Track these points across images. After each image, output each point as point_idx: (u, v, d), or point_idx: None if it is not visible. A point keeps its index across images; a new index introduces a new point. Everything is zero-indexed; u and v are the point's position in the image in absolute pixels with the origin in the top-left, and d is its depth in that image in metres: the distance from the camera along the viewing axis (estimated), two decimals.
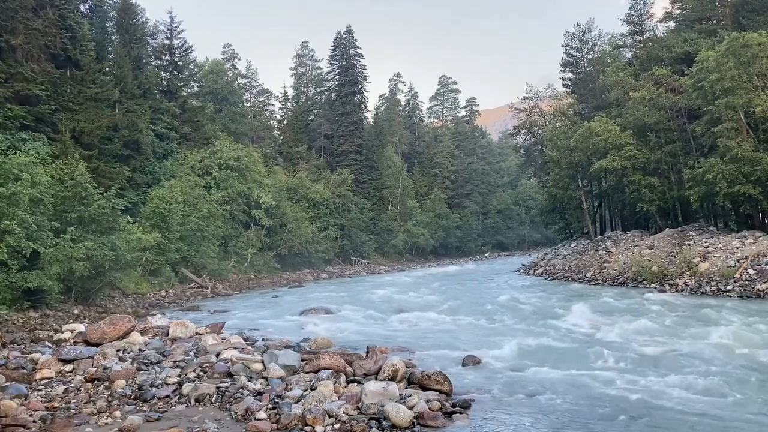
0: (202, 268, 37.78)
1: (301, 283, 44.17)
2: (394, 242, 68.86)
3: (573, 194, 47.05)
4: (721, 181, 28.55)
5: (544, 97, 57.82)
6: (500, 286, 34.47)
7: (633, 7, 47.74)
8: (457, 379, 11.38)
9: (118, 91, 37.24)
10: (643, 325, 17.45)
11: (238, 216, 45.67)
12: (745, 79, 28.83)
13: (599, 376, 11.87)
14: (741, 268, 25.32)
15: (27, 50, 30.94)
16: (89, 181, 24.56)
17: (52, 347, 14.50)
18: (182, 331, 15.11)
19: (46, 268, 20.85)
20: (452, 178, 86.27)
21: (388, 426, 8.78)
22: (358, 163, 69.32)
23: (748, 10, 36.85)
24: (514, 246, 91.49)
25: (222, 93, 61.69)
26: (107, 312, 22.75)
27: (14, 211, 19.36)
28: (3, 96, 28.43)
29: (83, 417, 9.36)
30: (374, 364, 11.54)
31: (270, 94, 79.37)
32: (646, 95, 36.27)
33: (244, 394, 10.21)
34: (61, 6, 33.82)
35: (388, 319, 21.31)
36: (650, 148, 37.34)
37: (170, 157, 43.20)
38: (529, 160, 64.83)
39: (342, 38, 74.03)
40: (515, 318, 20.36)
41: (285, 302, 28.76)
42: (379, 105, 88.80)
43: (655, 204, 36.64)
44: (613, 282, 31.54)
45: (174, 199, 33.20)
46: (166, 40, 51.24)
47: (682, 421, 9.17)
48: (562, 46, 57.40)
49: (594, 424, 9.14)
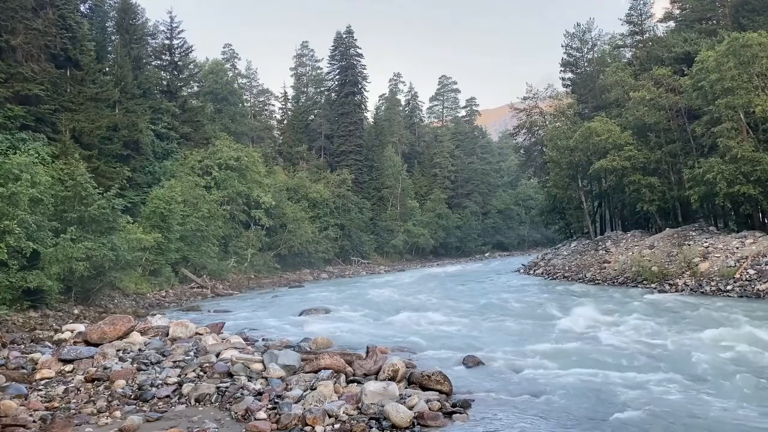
0: (202, 268, 37.79)
1: (301, 283, 44.18)
2: (394, 242, 68.89)
3: (573, 194, 47.04)
4: (721, 181, 28.53)
5: (544, 97, 57.84)
6: (500, 286, 34.45)
7: (633, 7, 47.74)
8: (457, 379, 11.38)
9: (118, 91, 37.26)
10: (643, 325, 17.45)
11: (238, 216, 45.69)
12: (745, 79, 28.81)
13: (599, 376, 11.86)
14: (741, 268, 25.31)
15: (27, 50, 30.96)
16: (89, 181, 24.56)
17: (52, 347, 14.50)
18: (182, 331, 15.11)
19: (46, 268, 20.85)
20: (452, 178, 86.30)
21: (388, 426, 8.77)
22: (358, 163, 69.34)
23: (748, 10, 36.83)
24: (514, 246, 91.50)
25: (222, 93, 61.72)
26: (107, 312, 22.76)
27: (14, 211, 19.36)
28: (3, 96, 28.45)
29: (83, 417, 9.36)
30: (374, 364, 11.54)
31: (270, 94, 79.53)
32: (646, 95, 36.25)
33: (244, 394, 10.21)
34: (61, 6, 33.84)
35: (388, 319, 21.29)
36: (650, 148, 37.32)
37: (170, 157, 43.22)
38: (529, 160, 64.83)
39: (342, 38, 74.06)
40: (515, 318, 20.35)
41: (285, 302, 28.76)
42: (379, 105, 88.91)
43: (655, 204, 36.63)
44: (613, 282, 31.53)
45: (174, 199, 33.21)
46: (166, 40, 51.31)
47: (681, 421, 9.17)
48: (562, 46, 57.47)
49: (594, 424, 9.13)
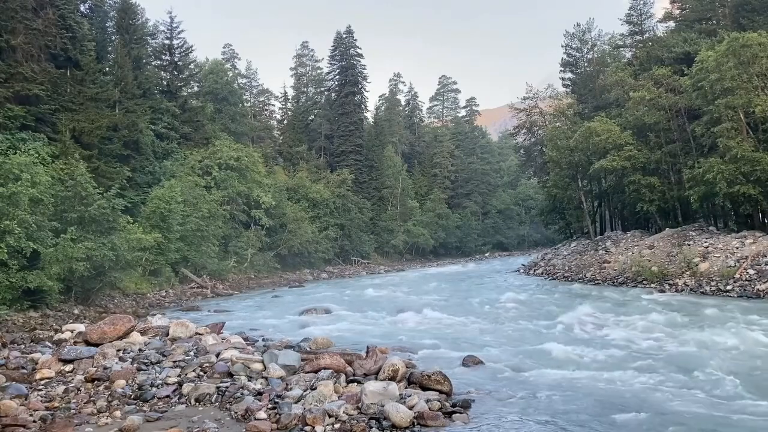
0: (202, 268, 37.78)
1: (301, 283, 44.17)
2: (394, 242, 68.87)
3: (573, 194, 47.04)
4: (721, 181, 28.53)
5: (544, 97, 57.83)
6: (500, 286, 34.44)
7: (633, 7, 47.76)
8: (457, 378, 11.37)
9: (118, 91, 37.26)
10: (642, 325, 17.47)
11: (238, 216, 45.69)
12: (745, 79, 28.82)
13: (599, 376, 11.87)
14: (741, 268, 25.32)
15: (27, 50, 30.94)
16: (89, 181, 24.57)
17: (52, 347, 14.49)
18: (182, 331, 15.09)
19: (46, 268, 20.85)
20: (452, 178, 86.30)
21: (388, 426, 8.77)
22: (358, 163, 69.30)
23: (748, 10, 36.82)
24: (514, 246, 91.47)
25: (222, 93, 61.67)
26: (107, 312, 22.75)
27: (14, 211, 19.37)
28: (3, 96, 28.44)
29: (83, 417, 9.36)
30: (374, 364, 11.54)
31: (270, 94, 79.42)
32: (646, 95, 36.25)
33: (244, 394, 10.20)
34: (61, 6, 33.84)
35: (389, 318, 21.30)
36: (650, 148, 37.32)
37: (170, 157, 43.22)
38: (529, 160, 64.83)
39: (342, 38, 74.03)
40: (515, 318, 20.36)
41: (285, 302, 28.77)
42: (379, 105, 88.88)
43: (655, 204, 36.63)
44: (613, 282, 31.53)
45: (174, 199, 33.21)
46: (166, 40, 51.28)
47: (682, 421, 9.17)
48: (562, 46, 57.50)
49: (594, 424, 9.13)
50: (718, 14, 40.50)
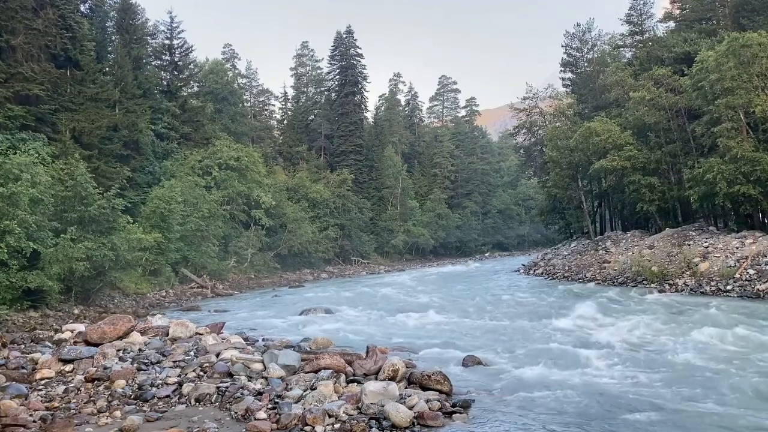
0: (202, 268, 37.79)
1: (301, 283, 44.17)
2: (394, 242, 68.88)
3: (573, 194, 47.04)
4: (721, 181, 28.52)
5: (544, 97, 57.85)
6: (500, 286, 34.44)
7: (633, 7, 47.73)
8: (457, 379, 11.38)
9: (118, 91, 37.26)
10: (642, 325, 17.44)
11: (238, 216, 45.70)
12: (745, 79, 28.80)
13: (599, 376, 11.87)
14: (741, 268, 25.31)
15: (27, 50, 30.95)
16: (89, 181, 24.56)
17: (52, 347, 14.48)
18: (182, 331, 15.08)
19: (46, 268, 20.85)
20: (452, 178, 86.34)
21: (388, 426, 8.77)
22: (358, 163, 69.32)
23: (748, 10, 36.83)
24: (514, 246, 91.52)
25: (222, 93, 61.71)
26: (107, 312, 22.75)
27: (14, 211, 19.36)
28: (3, 96, 28.46)
29: (83, 417, 9.35)
30: (374, 364, 11.54)
31: (270, 94, 79.50)
32: (646, 95, 36.23)
33: (244, 394, 10.20)
34: (61, 6, 33.83)
35: (388, 318, 21.30)
36: (650, 148, 37.32)
37: (170, 157, 43.24)
38: (529, 160, 64.85)
39: (342, 38, 74.06)
40: (515, 318, 20.35)
41: (285, 302, 28.76)
42: (379, 105, 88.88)
43: (655, 204, 36.61)
44: (613, 282, 31.51)
45: (174, 199, 33.20)
46: (166, 40, 51.31)
47: (681, 421, 9.17)
48: (562, 46, 57.54)
49: (594, 424, 9.13)
50: (718, 14, 40.50)
